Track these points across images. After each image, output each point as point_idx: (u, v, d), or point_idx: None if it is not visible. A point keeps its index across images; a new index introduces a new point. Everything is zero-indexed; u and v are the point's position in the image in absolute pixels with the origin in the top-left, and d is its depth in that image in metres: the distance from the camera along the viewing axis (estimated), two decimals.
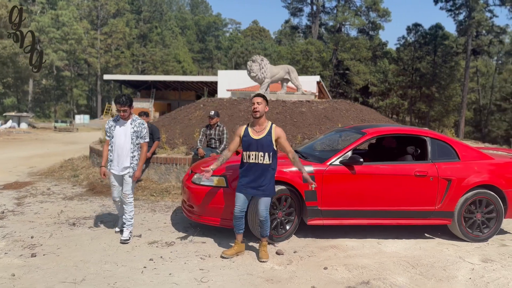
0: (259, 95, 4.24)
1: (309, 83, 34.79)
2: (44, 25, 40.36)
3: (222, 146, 7.30)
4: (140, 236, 4.99)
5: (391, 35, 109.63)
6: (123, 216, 4.88)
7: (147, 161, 7.93)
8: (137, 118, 4.88)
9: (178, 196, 7.10)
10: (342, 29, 46.47)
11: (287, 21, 56.66)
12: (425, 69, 44.31)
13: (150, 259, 4.24)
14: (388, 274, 4.03)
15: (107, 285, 3.61)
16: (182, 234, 5.08)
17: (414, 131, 5.40)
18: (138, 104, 43.54)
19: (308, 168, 4.80)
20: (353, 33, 46.43)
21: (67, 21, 41.58)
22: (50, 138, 22.57)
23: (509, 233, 5.59)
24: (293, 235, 5.06)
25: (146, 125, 4.89)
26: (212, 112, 7.35)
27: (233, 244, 4.49)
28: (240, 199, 4.23)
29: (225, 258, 4.25)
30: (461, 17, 41.00)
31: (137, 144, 4.80)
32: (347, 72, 43.02)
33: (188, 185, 5.04)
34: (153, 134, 7.92)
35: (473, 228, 5.10)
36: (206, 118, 9.45)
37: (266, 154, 4.12)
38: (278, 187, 4.65)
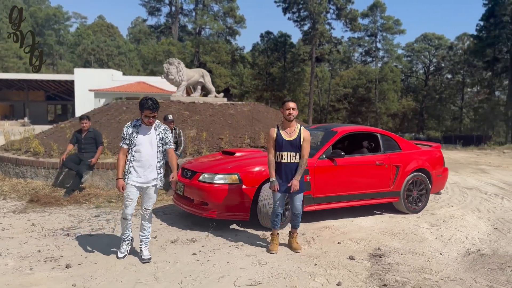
0: (292, 100, 4.78)
1: None
2: None
3: (181, 148, 7.55)
4: (155, 237, 5.13)
5: (248, 41, 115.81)
6: (141, 233, 4.43)
7: (91, 167, 7.65)
8: (160, 123, 4.42)
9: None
10: (202, 32, 47.74)
11: (145, 20, 55.44)
12: (276, 73, 48.60)
13: (193, 254, 4.54)
14: (384, 242, 5.16)
15: (185, 279, 3.87)
16: (194, 232, 5.37)
17: (369, 129, 6.73)
18: None
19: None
20: (213, 37, 48.03)
21: None
22: None
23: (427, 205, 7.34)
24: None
25: (170, 131, 4.48)
26: (170, 116, 7.54)
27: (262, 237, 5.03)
28: (279, 197, 4.64)
29: (273, 253, 4.58)
30: (305, 27, 46.28)
31: (161, 152, 4.39)
32: (209, 74, 44.52)
33: (198, 184, 5.36)
34: (97, 139, 7.69)
35: (412, 203, 6.63)
36: None
37: (298, 154, 4.66)
38: None
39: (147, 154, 4.27)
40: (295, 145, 4.66)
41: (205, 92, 12.97)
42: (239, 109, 10.32)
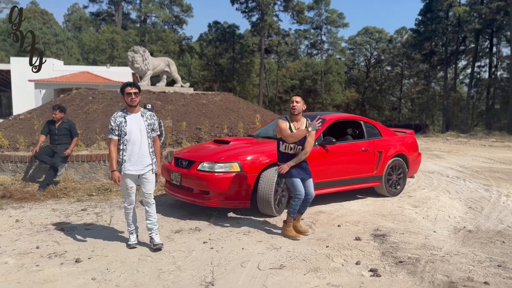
0: (298, 95, 4.84)
1: (124, 74, 33.78)
2: None
3: (162, 138, 7.38)
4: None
5: (195, 31, 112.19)
6: (148, 221, 4.40)
7: (66, 160, 7.28)
8: (145, 110, 4.46)
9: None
10: (148, 21, 46.29)
11: (85, 6, 52.71)
12: (225, 64, 48.36)
13: (204, 242, 4.52)
14: (379, 223, 5.42)
15: (208, 266, 3.85)
16: (194, 221, 5.32)
17: (354, 116, 7.00)
18: None
19: None
20: (157, 26, 46.72)
21: None
22: None
23: None
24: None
25: (156, 117, 4.59)
26: (149, 105, 7.33)
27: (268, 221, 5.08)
28: (300, 184, 4.68)
29: (297, 239, 4.64)
30: (254, 18, 46.35)
31: (151, 138, 4.41)
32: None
33: (198, 173, 5.31)
34: (72, 130, 7.33)
35: (392, 186, 7.00)
36: (108, 112, 9.06)
37: (302, 147, 4.71)
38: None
39: (138, 141, 4.30)
40: (302, 139, 4.72)
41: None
42: (210, 99, 10.23)
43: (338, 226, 5.24)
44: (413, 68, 51.75)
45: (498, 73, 41.78)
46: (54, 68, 34.50)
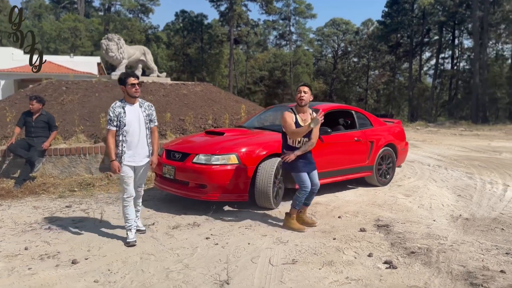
0: (305, 84, 4.69)
1: (89, 64, 32.53)
2: None
3: None
4: (153, 224, 4.78)
5: (161, 20, 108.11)
6: (137, 203, 4.42)
7: (43, 154, 6.85)
8: (143, 101, 4.37)
9: (111, 187, 6.57)
10: (112, 9, 44.76)
11: None
12: (193, 54, 47.56)
13: (207, 238, 4.32)
14: (378, 213, 5.38)
15: (217, 263, 3.66)
16: (190, 216, 5.10)
17: (346, 106, 6.93)
18: None
19: None
20: (123, 14, 45.23)
21: None
22: None
23: None
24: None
25: (153, 107, 4.47)
26: None
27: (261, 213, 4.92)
28: (307, 177, 4.58)
29: (302, 231, 4.55)
30: (222, 8, 45.74)
31: (149, 128, 4.34)
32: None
33: (193, 166, 5.07)
34: (50, 123, 6.90)
35: (382, 176, 7.00)
36: (85, 102, 8.61)
37: (308, 137, 4.60)
38: (277, 160, 5.27)
39: (137, 132, 4.23)
40: (309, 131, 4.59)
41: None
42: (191, 89, 9.92)
43: (339, 217, 5.16)
44: (379, 60, 52.68)
45: (461, 64, 43.29)
46: (14, 58, 32.67)
